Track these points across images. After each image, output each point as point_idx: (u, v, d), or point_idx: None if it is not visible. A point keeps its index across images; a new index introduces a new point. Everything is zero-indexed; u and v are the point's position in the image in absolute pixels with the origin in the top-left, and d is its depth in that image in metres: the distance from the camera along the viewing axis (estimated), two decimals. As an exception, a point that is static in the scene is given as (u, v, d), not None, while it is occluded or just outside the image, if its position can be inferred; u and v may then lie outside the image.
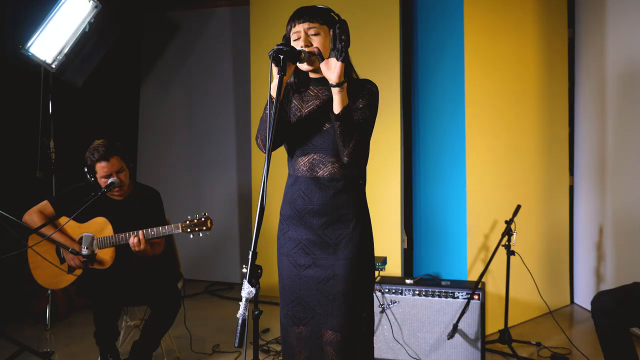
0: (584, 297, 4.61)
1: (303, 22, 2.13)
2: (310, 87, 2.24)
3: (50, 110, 4.40)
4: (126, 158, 3.28)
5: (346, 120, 2.05)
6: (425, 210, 4.52)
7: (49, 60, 4.30)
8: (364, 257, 2.20)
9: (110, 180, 3.18)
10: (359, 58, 2.44)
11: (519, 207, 3.75)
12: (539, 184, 4.43)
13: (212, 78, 5.72)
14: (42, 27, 4.19)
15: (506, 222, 3.64)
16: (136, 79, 5.95)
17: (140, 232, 3.15)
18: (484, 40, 4.06)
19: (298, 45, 2.12)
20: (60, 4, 4.24)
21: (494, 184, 4.13)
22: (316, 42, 2.12)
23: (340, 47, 2.04)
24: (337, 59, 2.04)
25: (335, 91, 2.05)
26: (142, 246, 3.14)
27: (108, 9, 4.52)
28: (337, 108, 2.06)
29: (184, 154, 5.83)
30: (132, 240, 3.14)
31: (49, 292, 4.24)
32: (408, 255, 4.71)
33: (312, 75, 2.23)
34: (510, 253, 3.65)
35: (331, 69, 2.05)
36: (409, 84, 4.70)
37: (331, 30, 2.08)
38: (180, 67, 5.82)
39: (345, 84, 2.05)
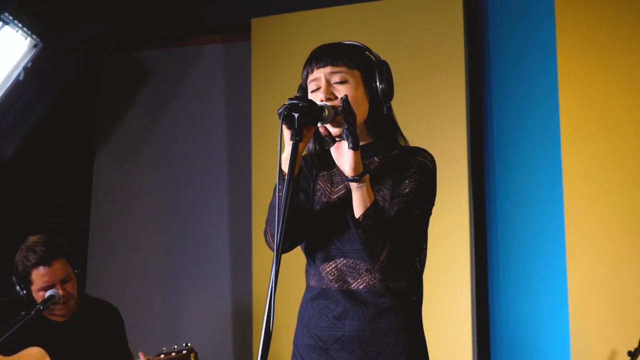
0: None
1: (323, 66, 2.14)
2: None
3: (-33, 192, 4.49)
4: (73, 261, 3.31)
5: (373, 225, 2.00)
6: (508, 334, 4.46)
7: (-33, 122, 4.42)
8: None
9: (48, 294, 3.19)
10: (407, 115, 2.47)
11: (647, 330, 3.70)
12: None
13: (197, 141, 5.80)
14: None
15: (629, 353, 3.58)
16: (89, 144, 6.05)
17: (141, 353, 3.19)
18: (588, 92, 4.12)
19: (317, 97, 2.11)
20: (-16, 41, 4.37)
21: (609, 298, 4.08)
22: (342, 93, 2.09)
23: (348, 128, 1.97)
24: (349, 146, 1.98)
25: (352, 187, 2.02)
26: None
27: (52, 49, 4.62)
28: (357, 210, 2.02)
29: (155, 253, 5.85)
30: None
31: None
32: (485, 402, 4.62)
33: None
34: (638, 400, 3.57)
35: (343, 157, 2.01)
36: (479, 153, 4.72)
37: (340, 99, 2.04)
38: (151, 126, 5.92)
39: (367, 176, 2.01)
